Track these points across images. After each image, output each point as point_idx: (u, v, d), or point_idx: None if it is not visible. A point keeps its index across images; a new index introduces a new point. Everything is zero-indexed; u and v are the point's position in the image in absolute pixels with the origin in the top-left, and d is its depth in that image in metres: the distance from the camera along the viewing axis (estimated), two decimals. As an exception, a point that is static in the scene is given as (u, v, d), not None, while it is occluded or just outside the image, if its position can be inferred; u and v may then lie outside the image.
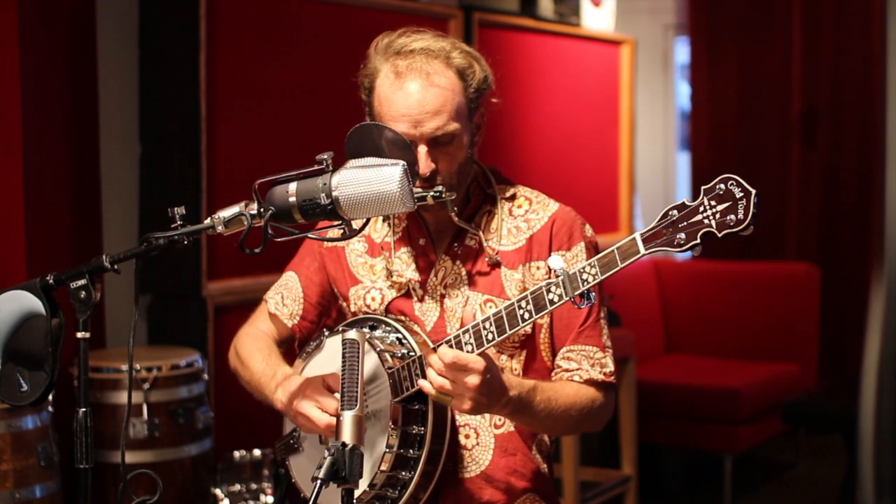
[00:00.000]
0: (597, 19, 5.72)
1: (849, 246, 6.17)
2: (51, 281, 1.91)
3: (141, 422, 3.37)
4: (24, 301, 1.93)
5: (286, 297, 2.34)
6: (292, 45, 4.11)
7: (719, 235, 1.75)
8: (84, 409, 1.87)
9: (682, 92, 7.05)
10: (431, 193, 2.04)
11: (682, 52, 6.92)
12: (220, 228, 1.92)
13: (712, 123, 6.56)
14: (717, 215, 1.75)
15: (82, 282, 1.88)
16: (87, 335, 1.88)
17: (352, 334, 1.88)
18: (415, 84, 2.07)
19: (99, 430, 3.26)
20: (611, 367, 2.17)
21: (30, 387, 1.93)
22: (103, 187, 3.82)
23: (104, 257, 1.89)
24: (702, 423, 5.20)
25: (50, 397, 2.76)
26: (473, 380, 1.89)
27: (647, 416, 5.12)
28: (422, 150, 2.07)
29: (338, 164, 1.90)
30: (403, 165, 1.86)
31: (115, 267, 1.90)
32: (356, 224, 1.95)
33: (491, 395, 1.92)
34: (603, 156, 5.86)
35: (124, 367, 3.41)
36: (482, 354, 1.91)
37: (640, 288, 5.78)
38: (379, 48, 2.14)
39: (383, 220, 2.26)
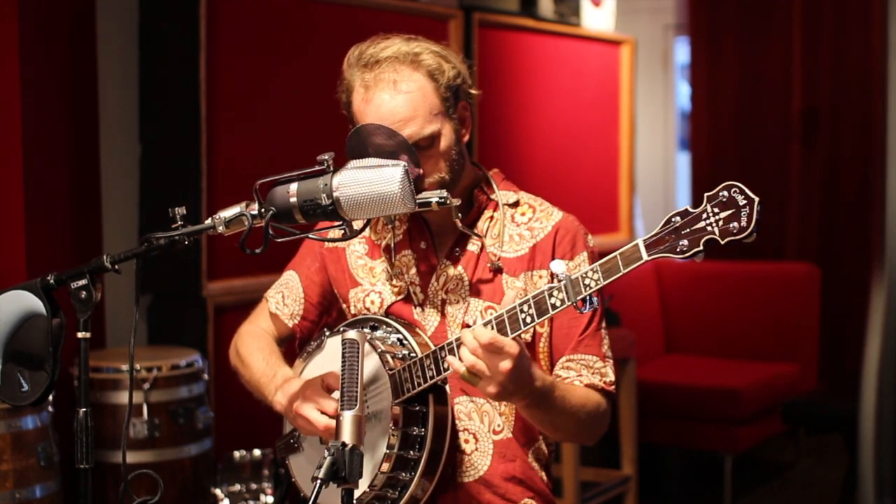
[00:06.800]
0: (597, 19, 5.72)
1: (849, 246, 6.17)
2: (51, 281, 1.91)
3: (141, 422, 3.37)
4: (24, 301, 1.93)
5: (287, 296, 2.34)
6: (292, 44, 4.11)
7: (722, 242, 1.75)
8: (84, 409, 1.87)
9: (682, 92, 7.05)
10: (436, 199, 2.03)
11: (682, 52, 6.92)
12: (220, 229, 1.92)
13: (712, 123, 6.56)
14: (721, 222, 1.75)
15: (83, 282, 1.88)
16: (88, 335, 1.88)
17: (352, 334, 1.88)
18: (383, 95, 2.07)
19: (99, 430, 3.26)
20: (611, 377, 2.16)
21: (30, 387, 1.93)
22: (103, 187, 3.82)
23: (104, 257, 1.89)
24: (702, 423, 5.20)
25: (50, 397, 2.76)
26: (507, 364, 1.87)
27: (647, 416, 5.11)
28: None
29: (338, 164, 1.90)
30: (404, 166, 1.86)
31: (116, 267, 1.90)
32: (357, 224, 1.95)
33: (518, 383, 1.91)
34: (603, 156, 5.86)
35: (124, 367, 3.41)
36: (516, 340, 1.90)
37: (640, 288, 5.78)
38: (350, 62, 2.14)
39: (385, 223, 2.25)
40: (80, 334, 1.88)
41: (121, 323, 3.82)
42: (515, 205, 2.23)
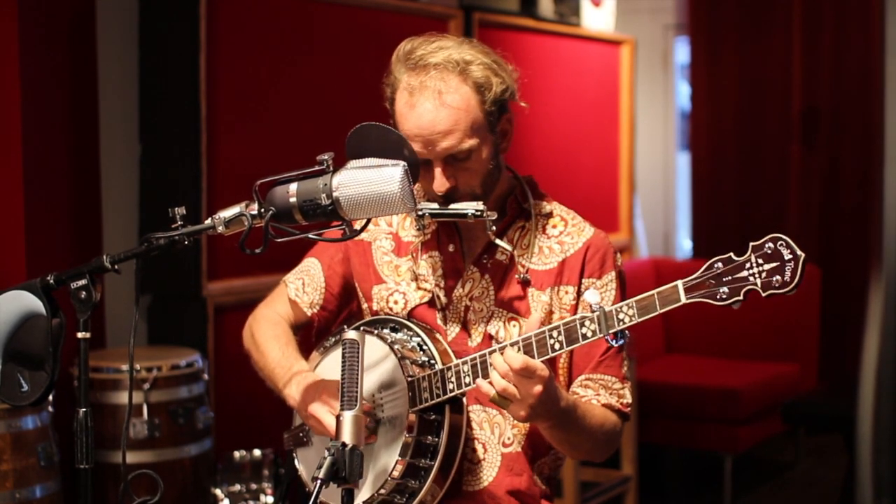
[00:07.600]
0: (597, 19, 5.72)
1: (849, 246, 6.17)
2: (51, 281, 1.91)
3: (141, 422, 3.37)
4: (24, 301, 1.93)
5: (307, 283, 2.30)
6: (292, 44, 4.11)
7: (763, 295, 1.75)
8: (84, 409, 1.87)
9: (682, 92, 7.05)
10: (472, 212, 2.03)
11: (682, 52, 6.92)
12: (220, 229, 1.91)
13: (712, 123, 6.56)
14: (763, 274, 1.75)
15: (83, 282, 1.88)
16: (88, 335, 1.88)
17: (351, 334, 1.87)
18: (427, 104, 2.05)
19: (99, 431, 3.26)
20: (628, 399, 2.16)
21: (30, 387, 1.93)
22: (103, 187, 3.82)
23: (104, 257, 1.89)
24: (702, 423, 5.20)
25: (50, 397, 2.76)
26: (538, 388, 1.88)
27: (647, 416, 5.12)
28: (437, 170, 2.06)
29: (338, 164, 1.90)
30: (404, 166, 1.85)
31: (116, 267, 1.90)
32: (357, 224, 1.95)
33: (547, 405, 1.92)
34: (603, 156, 5.86)
35: (124, 367, 3.41)
36: (545, 363, 1.90)
37: (639, 288, 5.74)
38: (400, 56, 2.10)
39: (417, 225, 2.23)
40: (79, 334, 1.88)
41: (121, 323, 3.82)
42: (548, 216, 2.22)
